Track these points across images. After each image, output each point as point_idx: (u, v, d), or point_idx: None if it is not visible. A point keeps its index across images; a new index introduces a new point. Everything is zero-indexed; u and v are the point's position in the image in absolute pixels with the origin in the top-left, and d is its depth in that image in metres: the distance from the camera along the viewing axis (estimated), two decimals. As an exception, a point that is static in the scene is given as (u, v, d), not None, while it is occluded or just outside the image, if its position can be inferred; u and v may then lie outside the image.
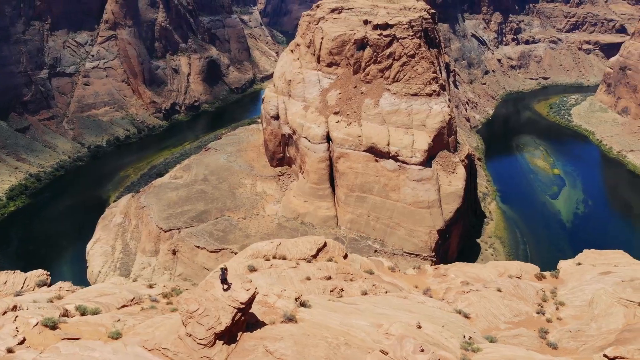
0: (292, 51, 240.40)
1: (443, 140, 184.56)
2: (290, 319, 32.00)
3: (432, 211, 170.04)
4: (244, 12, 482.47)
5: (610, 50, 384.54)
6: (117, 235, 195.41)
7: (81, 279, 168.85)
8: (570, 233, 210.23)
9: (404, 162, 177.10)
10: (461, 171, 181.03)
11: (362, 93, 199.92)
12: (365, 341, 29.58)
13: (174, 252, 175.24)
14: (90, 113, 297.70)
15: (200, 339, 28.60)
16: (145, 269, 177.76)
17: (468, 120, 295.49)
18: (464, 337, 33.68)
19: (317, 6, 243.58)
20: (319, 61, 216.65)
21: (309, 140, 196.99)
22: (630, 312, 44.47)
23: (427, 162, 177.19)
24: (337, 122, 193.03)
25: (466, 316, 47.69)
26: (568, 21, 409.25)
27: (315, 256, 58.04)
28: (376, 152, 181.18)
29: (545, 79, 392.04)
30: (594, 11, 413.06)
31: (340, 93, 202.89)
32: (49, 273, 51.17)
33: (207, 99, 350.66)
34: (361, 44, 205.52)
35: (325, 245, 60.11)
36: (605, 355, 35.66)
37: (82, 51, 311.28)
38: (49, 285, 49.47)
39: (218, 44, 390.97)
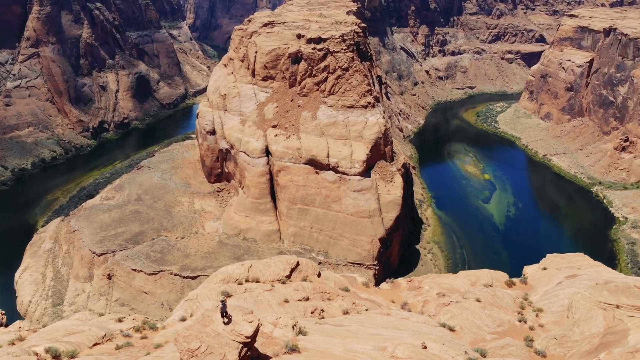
0: (225, 65, 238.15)
1: (380, 151, 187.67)
2: (293, 349, 30.36)
3: (373, 220, 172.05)
4: (173, 27, 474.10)
5: (531, 59, 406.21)
6: (47, 262, 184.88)
7: (10, 311, 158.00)
8: (503, 235, 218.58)
9: (344, 173, 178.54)
10: (399, 180, 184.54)
11: (299, 106, 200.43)
12: None
13: (110, 277, 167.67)
14: (13, 135, 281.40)
15: (207, 379, 26.97)
16: (79, 295, 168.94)
17: (401, 130, 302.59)
18: (466, 353, 33.57)
19: (249, 20, 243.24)
20: (254, 75, 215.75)
21: (248, 155, 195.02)
22: (609, 315, 45.95)
23: (366, 172, 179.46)
24: (276, 135, 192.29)
25: (451, 329, 47.56)
26: (490, 32, 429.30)
27: (289, 276, 56.53)
28: (316, 164, 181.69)
29: (471, 88, 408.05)
30: (515, 22, 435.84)
31: (277, 106, 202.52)
32: (3, 312, 46.85)
33: (138, 116, 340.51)
34: (296, 58, 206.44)
35: (298, 264, 58.64)
36: None
37: (3, 70, 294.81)
38: (6, 326, 45.25)
39: (147, 59, 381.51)
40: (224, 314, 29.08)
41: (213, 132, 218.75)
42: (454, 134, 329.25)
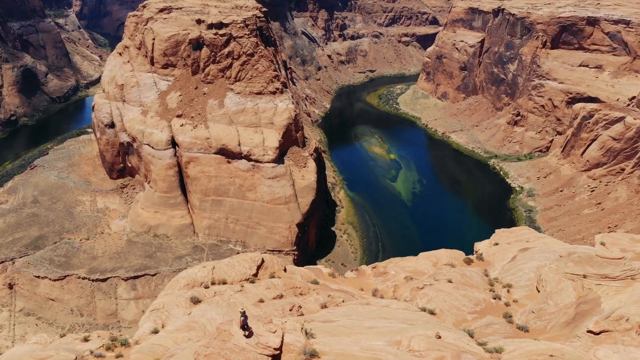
0: (120, 54, 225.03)
1: (292, 137, 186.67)
2: (313, 354, 28.45)
3: (290, 206, 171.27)
4: (59, 16, 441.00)
5: (426, 41, 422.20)
6: None
7: None
8: (411, 211, 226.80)
9: (257, 161, 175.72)
10: (312, 165, 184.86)
11: (204, 94, 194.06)
12: None
13: (11, 286, 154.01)
14: None
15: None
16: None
17: (309, 115, 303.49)
18: (471, 336, 33.21)
19: (144, 6, 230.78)
20: (152, 63, 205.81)
21: (153, 147, 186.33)
22: (578, 285, 47.68)
23: (279, 159, 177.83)
24: (182, 125, 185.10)
25: (432, 312, 47.27)
26: (387, 16, 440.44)
27: (256, 275, 53.82)
28: (228, 153, 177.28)
29: (372, 71, 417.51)
30: (409, 5, 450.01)
31: (181, 95, 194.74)
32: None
33: (26, 112, 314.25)
34: (197, 44, 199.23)
35: (263, 261, 55.92)
36: (590, 331, 37.57)
37: None
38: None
39: (32, 51, 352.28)
40: (245, 326, 26.82)
41: (112, 125, 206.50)
42: (359, 117, 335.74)
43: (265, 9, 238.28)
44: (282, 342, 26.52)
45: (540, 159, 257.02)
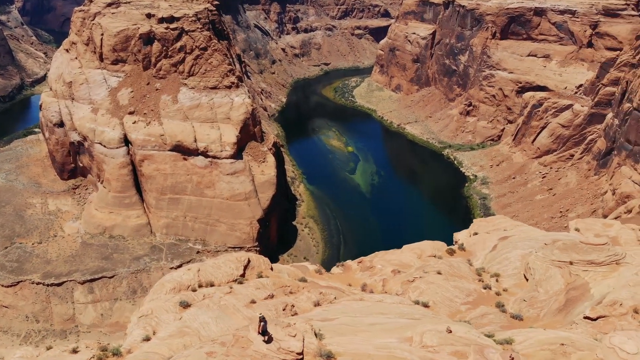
0: (67, 50, 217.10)
1: (250, 131, 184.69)
2: (330, 356, 27.62)
3: (250, 202, 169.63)
4: (0, 12, 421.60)
5: (378, 34, 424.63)
6: None
7: None
8: (370, 202, 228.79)
9: (214, 157, 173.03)
10: (271, 159, 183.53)
11: (157, 90, 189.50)
12: None
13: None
14: None
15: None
16: None
17: (265, 109, 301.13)
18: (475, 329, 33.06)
19: (91, 1, 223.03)
20: (102, 59, 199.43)
21: (104, 146, 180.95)
22: (566, 272, 48.36)
23: (237, 155, 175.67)
24: (135, 122, 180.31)
25: (425, 305, 46.97)
26: (339, 8, 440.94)
27: (243, 275, 52.32)
28: (184, 150, 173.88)
29: (326, 64, 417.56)
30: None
31: (132, 91, 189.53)
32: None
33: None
34: (148, 39, 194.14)
35: (249, 261, 54.44)
36: (587, 317, 38.03)
37: None
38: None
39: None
40: (265, 332, 25.79)
41: (61, 124, 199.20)
42: (316, 110, 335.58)
43: (216, 2, 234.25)
44: (303, 345, 25.74)
45: (493, 147, 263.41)
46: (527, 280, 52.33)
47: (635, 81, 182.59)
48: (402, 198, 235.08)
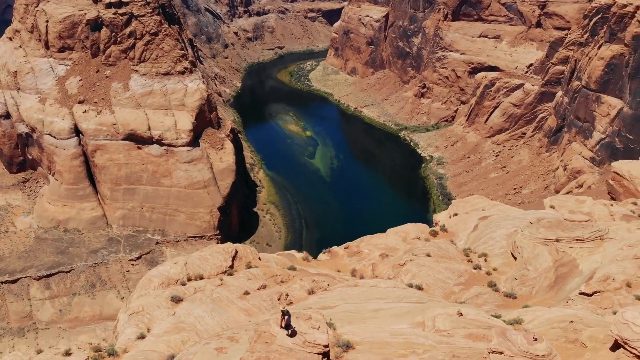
0: (10, 39, 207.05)
1: (206, 118, 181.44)
2: (348, 345, 27.12)
3: (209, 190, 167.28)
4: None
5: (332, 16, 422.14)
6: None
7: None
8: (330, 186, 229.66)
9: (170, 145, 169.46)
10: (229, 146, 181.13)
11: (107, 77, 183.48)
12: (437, 347, 26.45)
13: None
14: None
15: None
16: None
17: (220, 95, 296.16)
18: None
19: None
20: (47, 47, 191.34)
21: (54, 137, 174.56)
22: (553, 249, 49.07)
23: (194, 142, 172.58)
24: (85, 111, 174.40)
25: (419, 288, 46.79)
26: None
27: (232, 266, 51.15)
28: (137, 139, 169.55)
29: (280, 48, 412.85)
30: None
31: (81, 80, 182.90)
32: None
33: None
34: (95, 25, 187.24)
35: (236, 252, 53.20)
36: (582, 293, 38.54)
37: None
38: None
39: None
40: (288, 326, 25.04)
41: (7, 116, 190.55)
42: (272, 95, 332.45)
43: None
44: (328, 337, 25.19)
45: (447, 128, 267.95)
46: (515, 259, 53.12)
47: (583, 59, 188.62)
48: (362, 181, 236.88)
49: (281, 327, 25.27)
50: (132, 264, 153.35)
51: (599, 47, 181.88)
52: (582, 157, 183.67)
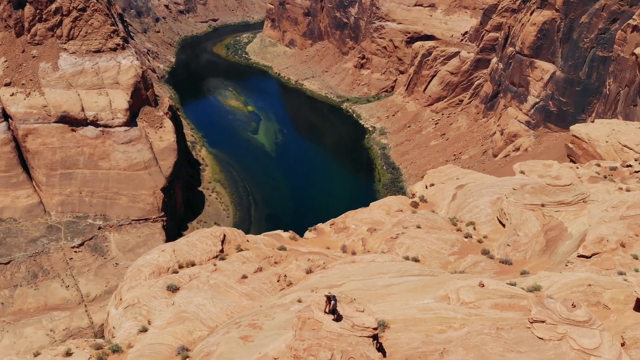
0: None
1: (142, 96, 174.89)
2: (384, 325, 26.62)
3: (151, 171, 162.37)
4: None
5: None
6: None
7: None
8: (276, 161, 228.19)
9: (106, 126, 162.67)
10: (169, 124, 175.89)
11: (34, 57, 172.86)
12: (471, 320, 25.92)
13: None
14: None
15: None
16: None
17: (154, 71, 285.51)
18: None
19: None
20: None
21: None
22: (540, 214, 49.72)
23: (131, 122, 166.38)
24: (12, 94, 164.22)
25: (416, 260, 46.56)
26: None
27: (222, 250, 49.61)
28: (71, 121, 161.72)
29: (214, 20, 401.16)
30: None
31: (6, 61, 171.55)
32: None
33: None
34: (18, 2, 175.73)
35: (225, 235, 51.62)
36: (581, 256, 38.98)
37: None
38: None
39: None
40: (334, 311, 24.09)
41: None
42: (209, 69, 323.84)
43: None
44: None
45: (387, 98, 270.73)
46: (503, 225, 54.02)
47: (516, 26, 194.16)
48: (307, 154, 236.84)
49: (325, 312, 24.46)
50: (75, 252, 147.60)
51: (531, 13, 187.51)
52: (518, 121, 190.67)
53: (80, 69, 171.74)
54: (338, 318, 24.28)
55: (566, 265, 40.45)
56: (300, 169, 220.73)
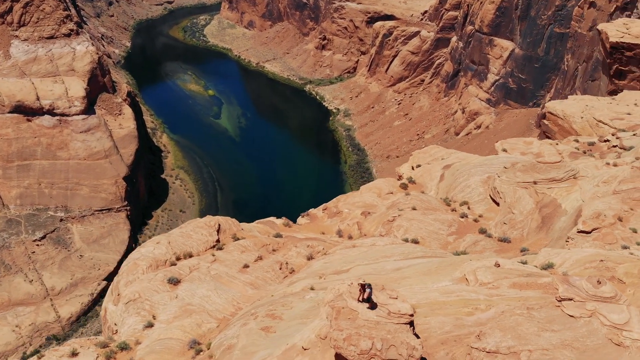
0: None
1: (99, 82, 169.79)
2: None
3: (112, 159, 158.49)
4: None
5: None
6: None
7: None
8: (240, 146, 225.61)
9: (63, 114, 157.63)
10: (128, 111, 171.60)
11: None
12: (495, 300, 25.61)
13: None
14: None
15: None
16: None
17: (110, 56, 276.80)
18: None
19: None
20: None
21: None
22: (532, 192, 49.87)
23: (89, 109, 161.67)
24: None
25: (415, 242, 46.21)
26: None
27: (218, 240, 48.41)
28: (26, 111, 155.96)
29: (169, 3, 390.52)
30: None
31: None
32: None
33: None
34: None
35: (219, 225, 50.41)
36: (581, 231, 39.12)
37: None
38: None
39: None
40: (369, 299, 23.70)
41: None
42: (166, 53, 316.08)
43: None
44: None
45: (350, 79, 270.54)
46: (497, 204, 54.29)
47: (475, 4, 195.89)
48: (272, 138, 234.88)
49: (359, 300, 24.20)
50: (37, 245, 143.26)
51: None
52: (479, 99, 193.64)
53: (34, 56, 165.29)
54: (372, 306, 24.18)
55: (567, 241, 41.06)
56: (266, 153, 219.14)
